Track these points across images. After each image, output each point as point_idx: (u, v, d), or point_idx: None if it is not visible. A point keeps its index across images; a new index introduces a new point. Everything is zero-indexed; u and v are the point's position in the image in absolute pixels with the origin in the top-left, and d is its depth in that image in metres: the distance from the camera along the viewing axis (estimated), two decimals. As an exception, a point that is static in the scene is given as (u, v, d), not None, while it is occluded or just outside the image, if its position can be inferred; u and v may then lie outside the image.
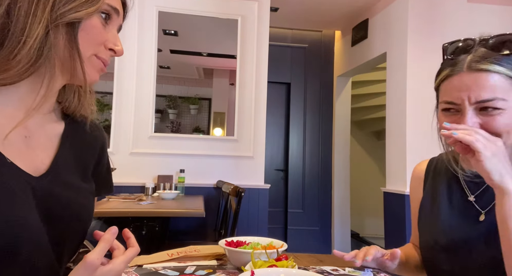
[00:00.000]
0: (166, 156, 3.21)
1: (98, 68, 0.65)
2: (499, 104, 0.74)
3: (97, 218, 2.43)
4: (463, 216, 0.88)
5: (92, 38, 0.63)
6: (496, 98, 0.74)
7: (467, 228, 0.86)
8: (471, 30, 3.07)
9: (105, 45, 0.65)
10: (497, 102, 0.74)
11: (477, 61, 0.76)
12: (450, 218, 0.89)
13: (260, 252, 0.82)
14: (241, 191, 2.28)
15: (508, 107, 0.74)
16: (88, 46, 0.62)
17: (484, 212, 0.85)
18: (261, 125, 3.38)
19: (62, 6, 0.58)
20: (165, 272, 0.83)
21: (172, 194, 2.69)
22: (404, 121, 3.16)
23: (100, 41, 0.64)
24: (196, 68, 3.60)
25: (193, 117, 3.50)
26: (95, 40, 0.63)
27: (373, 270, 0.91)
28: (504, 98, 0.74)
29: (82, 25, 0.61)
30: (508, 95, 0.74)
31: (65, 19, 0.58)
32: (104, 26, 0.64)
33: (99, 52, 0.64)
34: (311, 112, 4.69)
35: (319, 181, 4.63)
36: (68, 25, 0.59)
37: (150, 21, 3.24)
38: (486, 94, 0.74)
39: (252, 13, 3.41)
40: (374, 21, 3.84)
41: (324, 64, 4.76)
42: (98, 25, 0.63)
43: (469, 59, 0.77)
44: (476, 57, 0.77)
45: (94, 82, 0.66)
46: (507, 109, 0.74)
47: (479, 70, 0.75)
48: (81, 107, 0.72)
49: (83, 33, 0.61)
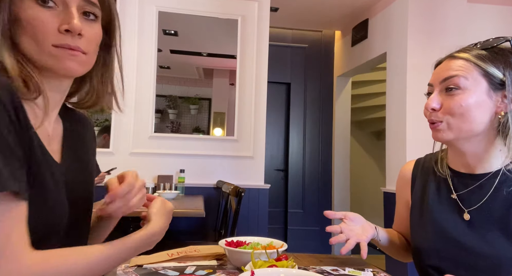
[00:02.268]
0: (166, 156, 3.21)
1: (62, 55, 0.61)
2: (460, 81, 0.83)
3: (97, 218, 2.43)
4: (450, 212, 0.91)
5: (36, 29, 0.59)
6: (457, 75, 0.84)
7: (454, 224, 0.89)
8: (471, 30, 3.12)
9: (58, 29, 0.60)
10: (458, 79, 0.83)
11: (455, 52, 0.89)
12: (439, 214, 0.92)
13: (260, 252, 0.82)
14: (241, 191, 2.28)
15: (466, 88, 0.83)
16: (37, 39, 0.59)
17: (467, 211, 0.87)
18: (261, 125, 3.38)
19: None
20: (165, 272, 0.83)
21: (172, 194, 2.69)
22: (404, 121, 3.16)
23: (47, 29, 0.59)
24: (196, 68, 3.60)
25: (193, 117, 3.50)
26: (39, 30, 0.59)
27: (373, 270, 0.91)
28: (465, 76, 0.83)
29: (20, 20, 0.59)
30: (469, 75, 0.83)
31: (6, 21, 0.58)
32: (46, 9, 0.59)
33: (54, 40, 0.60)
34: (311, 112, 4.69)
35: (319, 181, 4.63)
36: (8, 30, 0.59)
37: (150, 21, 3.24)
38: (450, 72, 0.85)
39: (252, 13, 3.41)
40: (374, 21, 3.83)
41: (324, 64, 4.76)
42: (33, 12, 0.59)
43: (454, 51, 0.90)
44: (459, 49, 0.89)
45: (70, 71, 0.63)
46: (467, 90, 0.83)
47: (452, 57, 0.88)
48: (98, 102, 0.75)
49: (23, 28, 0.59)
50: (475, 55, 0.85)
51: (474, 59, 0.84)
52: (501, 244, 0.80)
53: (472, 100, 0.82)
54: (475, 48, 0.87)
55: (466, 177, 0.90)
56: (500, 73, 0.82)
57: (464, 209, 0.88)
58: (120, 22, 0.72)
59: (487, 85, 0.83)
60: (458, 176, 0.92)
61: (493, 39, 0.86)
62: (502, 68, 0.83)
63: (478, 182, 0.87)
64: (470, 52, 0.86)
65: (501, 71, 0.82)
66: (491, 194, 0.85)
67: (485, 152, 0.86)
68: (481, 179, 0.87)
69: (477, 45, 0.88)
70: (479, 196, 0.86)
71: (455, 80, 0.83)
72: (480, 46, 0.87)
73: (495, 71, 0.83)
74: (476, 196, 0.87)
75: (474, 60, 0.84)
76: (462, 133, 0.84)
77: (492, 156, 0.86)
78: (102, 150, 3.14)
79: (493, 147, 0.86)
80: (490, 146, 0.86)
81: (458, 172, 0.92)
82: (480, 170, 0.88)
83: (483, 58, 0.84)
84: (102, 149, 3.15)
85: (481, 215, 0.85)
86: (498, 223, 0.82)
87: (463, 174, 0.91)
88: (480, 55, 0.84)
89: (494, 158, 0.86)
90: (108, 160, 3.03)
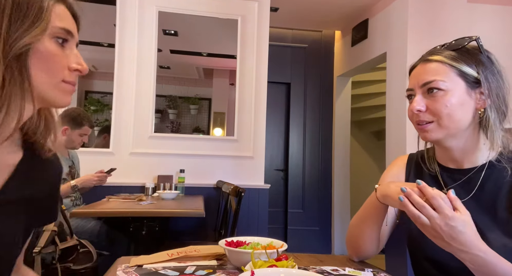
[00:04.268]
0: (166, 156, 3.21)
1: (67, 90, 0.66)
2: (440, 84, 0.86)
3: (97, 218, 2.43)
4: None
5: (53, 65, 0.63)
6: (436, 79, 0.86)
7: None
8: (471, 30, 3.13)
9: (69, 67, 0.66)
10: (438, 83, 0.86)
11: (427, 55, 0.91)
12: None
13: (260, 252, 0.82)
14: (241, 191, 2.28)
15: (448, 89, 0.86)
16: (52, 73, 0.63)
17: None
18: (261, 125, 3.38)
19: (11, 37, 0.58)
20: (165, 272, 0.83)
21: (172, 194, 2.69)
22: (404, 121, 3.16)
23: (62, 66, 0.64)
24: (196, 68, 3.60)
25: (193, 117, 3.50)
26: (56, 66, 0.63)
27: (373, 270, 0.91)
28: (443, 79, 0.86)
29: (36, 53, 0.60)
30: (446, 77, 0.86)
31: (15, 49, 0.58)
32: (62, 49, 0.64)
33: (65, 76, 0.65)
34: (311, 112, 4.69)
35: (319, 181, 4.63)
36: (18, 57, 0.59)
37: (150, 21, 3.24)
38: (428, 76, 0.88)
39: (252, 13, 3.41)
40: (374, 21, 3.83)
41: (324, 64, 4.76)
42: (54, 49, 0.63)
43: (424, 54, 0.93)
44: (429, 52, 0.92)
45: (66, 105, 0.68)
46: (448, 91, 0.86)
47: (426, 60, 0.90)
48: (47, 133, 0.71)
49: (39, 61, 0.61)
50: (447, 56, 0.87)
51: (448, 61, 0.87)
52: (491, 233, 0.83)
53: (454, 100, 0.86)
54: (445, 49, 0.90)
55: (454, 171, 0.94)
56: (474, 72, 0.86)
57: None
58: (120, 22, 0.74)
59: (465, 84, 0.86)
60: (447, 171, 0.95)
61: (460, 39, 0.89)
62: (475, 66, 0.86)
63: (466, 176, 0.91)
64: (442, 54, 0.88)
65: (475, 70, 0.86)
66: (479, 187, 0.89)
67: (470, 146, 0.91)
68: (468, 173, 0.91)
69: (445, 46, 0.91)
70: (468, 189, 0.90)
71: (434, 84, 0.86)
72: (448, 47, 0.90)
73: (469, 70, 0.86)
74: (466, 189, 0.90)
75: (448, 61, 0.87)
76: (449, 132, 0.88)
77: (477, 150, 0.91)
78: (102, 150, 3.15)
79: (477, 141, 0.90)
80: (475, 141, 0.90)
81: (446, 167, 0.96)
82: (467, 164, 0.92)
83: (456, 58, 0.87)
84: (102, 149, 3.15)
85: (470, 207, 0.87)
86: (487, 214, 0.86)
87: (451, 169, 0.95)
88: (452, 56, 0.87)
89: (479, 151, 0.90)
90: (108, 160, 3.03)
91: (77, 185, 2.32)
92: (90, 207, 2.11)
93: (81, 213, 2.03)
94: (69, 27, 0.65)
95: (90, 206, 2.18)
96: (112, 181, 2.66)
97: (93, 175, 2.43)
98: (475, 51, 0.88)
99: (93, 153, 3.11)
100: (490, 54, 0.89)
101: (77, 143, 2.48)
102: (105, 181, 2.49)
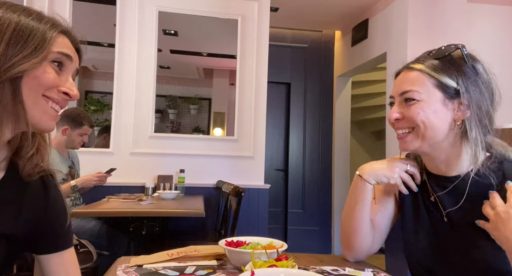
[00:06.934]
0: (166, 156, 3.21)
1: (52, 115, 0.65)
2: (415, 95, 0.86)
3: (97, 218, 2.43)
4: (429, 213, 0.94)
5: (42, 82, 0.62)
6: (411, 90, 0.87)
7: (434, 225, 0.92)
8: (471, 30, 3.10)
9: (58, 89, 0.65)
10: (413, 93, 0.87)
11: (411, 62, 0.92)
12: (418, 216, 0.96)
13: (260, 252, 0.82)
14: (241, 191, 2.28)
15: (422, 100, 0.86)
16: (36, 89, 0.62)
17: (446, 212, 0.90)
18: (261, 125, 3.38)
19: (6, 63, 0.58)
20: (165, 272, 0.83)
21: (172, 194, 2.69)
22: (404, 121, 3.15)
23: (50, 85, 0.64)
24: (196, 68, 3.60)
25: (193, 117, 3.50)
26: (44, 84, 0.63)
27: (373, 270, 0.91)
28: (418, 90, 0.86)
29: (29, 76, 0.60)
30: (422, 88, 0.86)
31: (9, 74, 0.58)
32: (58, 73, 0.64)
33: (49, 93, 0.64)
34: (311, 112, 4.69)
35: (319, 181, 4.63)
36: (12, 79, 0.59)
37: (150, 21, 3.24)
38: (405, 86, 0.89)
39: (252, 13, 3.41)
40: (374, 21, 3.83)
41: (324, 64, 4.76)
42: (50, 72, 0.63)
43: (410, 61, 0.93)
44: (415, 59, 0.92)
45: (50, 130, 0.66)
46: (421, 101, 0.86)
47: (409, 68, 0.91)
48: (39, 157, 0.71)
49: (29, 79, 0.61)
50: (429, 66, 0.87)
51: (428, 70, 0.87)
52: (482, 243, 0.82)
53: (428, 110, 0.85)
54: (430, 57, 0.89)
55: (441, 179, 0.93)
56: (454, 83, 0.84)
57: (442, 210, 0.91)
58: (120, 22, 0.74)
59: (442, 95, 0.85)
60: (434, 178, 0.95)
61: (445, 47, 0.88)
62: (455, 76, 0.84)
63: (453, 184, 0.90)
64: (424, 63, 0.88)
65: (455, 80, 0.84)
66: (466, 196, 0.87)
67: (453, 156, 0.90)
68: (454, 181, 0.90)
69: (431, 54, 0.90)
70: (455, 197, 0.89)
71: (410, 94, 0.87)
72: (433, 55, 0.89)
73: (449, 81, 0.85)
74: (453, 197, 0.90)
75: (428, 71, 0.87)
76: (426, 141, 0.87)
77: (461, 160, 0.89)
78: (102, 150, 3.15)
79: (460, 151, 0.89)
80: (457, 151, 0.89)
81: (434, 174, 0.95)
82: (452, 172, 0.91)
83: (437, 69, 0.86)
84: (102, 149, 3.15)
85: (459, 215, 0.88)
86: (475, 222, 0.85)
87: (438, 176, 0.94)
88: (434, 65, 0.87)
89: (463, 161, 0.89)
90: (108, 160, 3.03)
91: (77, 185, 2.32)
92: (90, 207, 2.11)
93: (81, 213, 2.03)
94: (68, 52, 0.66)
95: (90, 206, 2.18)
96: (112, 181, 2.66)
97: (93, 175, 2.42)
98: (460, 60, 0.86)
99: (93, 153, 3.11)
100: (477, 63, 0.87)
101: (77, 142, 2.48)
102: (105, 181, 2.49)
